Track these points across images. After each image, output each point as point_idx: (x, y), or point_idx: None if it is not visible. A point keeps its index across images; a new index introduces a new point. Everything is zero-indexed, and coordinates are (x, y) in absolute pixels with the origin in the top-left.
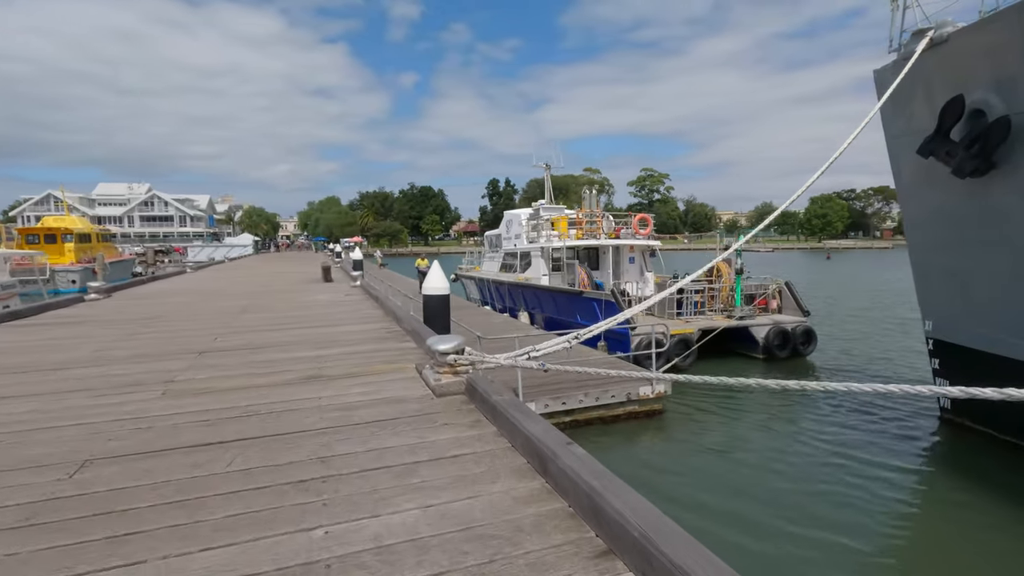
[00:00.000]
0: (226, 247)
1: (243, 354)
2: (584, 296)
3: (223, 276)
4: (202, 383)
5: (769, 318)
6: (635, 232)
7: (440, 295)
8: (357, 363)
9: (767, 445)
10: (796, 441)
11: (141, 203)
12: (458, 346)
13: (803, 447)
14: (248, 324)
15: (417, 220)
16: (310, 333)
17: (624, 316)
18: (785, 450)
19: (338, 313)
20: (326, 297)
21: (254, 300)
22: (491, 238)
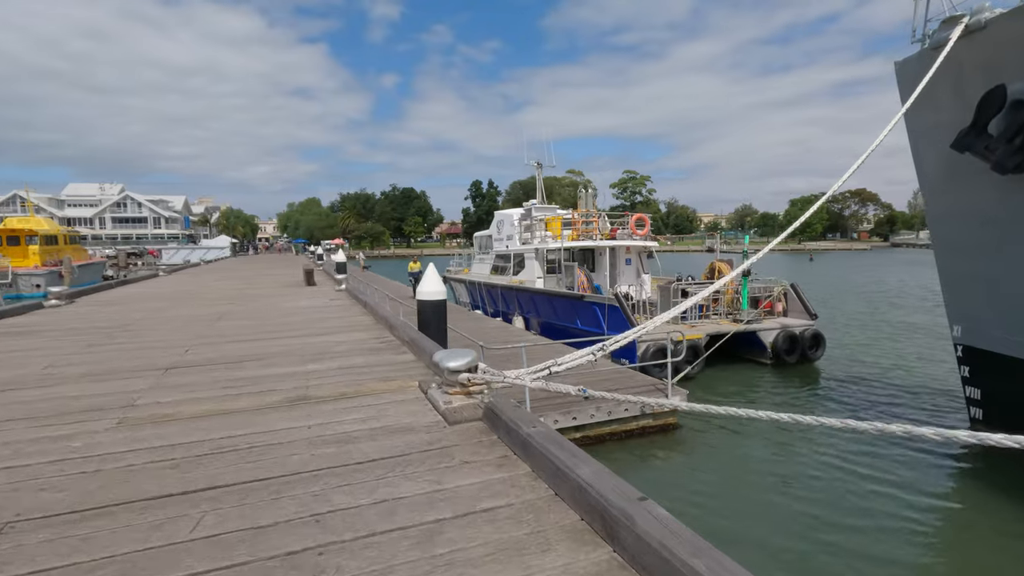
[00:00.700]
0: (202, 249)
1: (218, 370)
2: (585, 300)
3: (198, 280)
4: (167, 408)
5: (776, 322)
6: (632, 233)
7: (436, 300)
8: (350, 381)
9: (788, 459)
10: (816, 452)
11: (113, 204)
12: (471, 362)
13: (823, 458)
14: (224, 333)
15: (399, 222)
16: (294, 344)
17: (659, 321)
18: (806, 463)
19: (324, 320)
20: (310, 302)
21: (231, 306)
22: (481, 239)
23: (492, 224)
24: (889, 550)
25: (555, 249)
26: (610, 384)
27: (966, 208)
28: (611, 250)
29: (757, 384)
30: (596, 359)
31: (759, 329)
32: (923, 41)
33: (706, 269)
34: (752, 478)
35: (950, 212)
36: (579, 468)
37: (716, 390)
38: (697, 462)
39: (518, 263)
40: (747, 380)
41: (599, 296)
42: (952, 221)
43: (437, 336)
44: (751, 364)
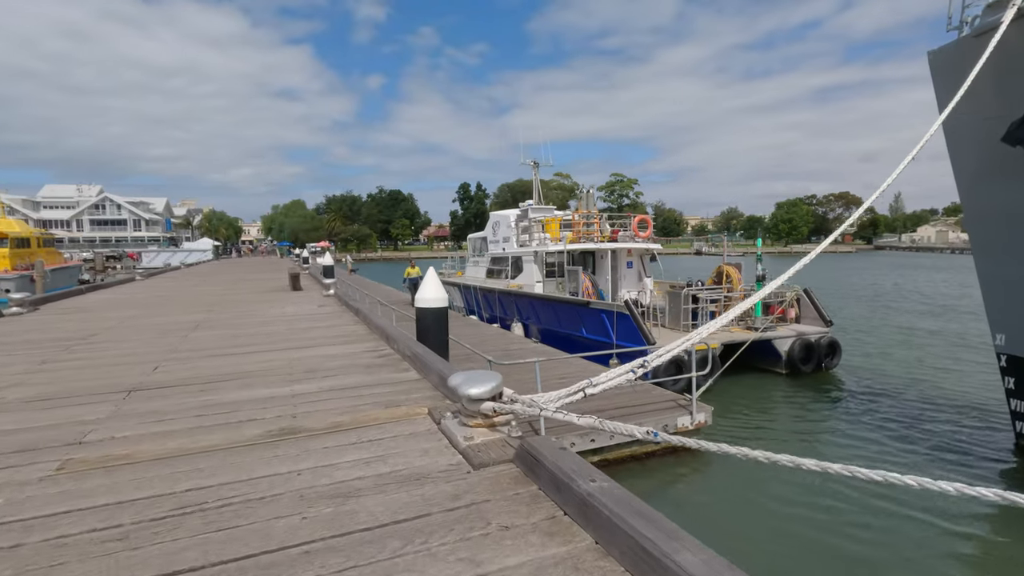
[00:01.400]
0: (184, 252)
1: (189, 392)
2: (591, 307)
3: (177, 284)
4: (123, 446)
5: (791, 329)
6: (634, 234)
7: (437, 308)
8: (346, 406)
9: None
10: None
11: (92, 206)
12: (495, 388)
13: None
14: (201, 345)
15: (386, 224)
16: (278, 359)
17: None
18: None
19: (312, 330)
20: (296, 309)
21: (210, 313)
22: (475, 241)
23: (487, 225)
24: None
25: (555, 252)
26: (627, 399)
27: (1012, 207)
28: (612, 253)
29: (774, 397)
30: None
31: (774, 337)
32: (960, 28)
33: (713, 273)
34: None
35: (992, 212)
36: (679, 554)
37: (730, 404)
38: (724, 486)
39: (515, 266)
40: (763, 392)
41: (607, 303)
42: (995, 222)
43: (438, 347)
44: (765, 374)
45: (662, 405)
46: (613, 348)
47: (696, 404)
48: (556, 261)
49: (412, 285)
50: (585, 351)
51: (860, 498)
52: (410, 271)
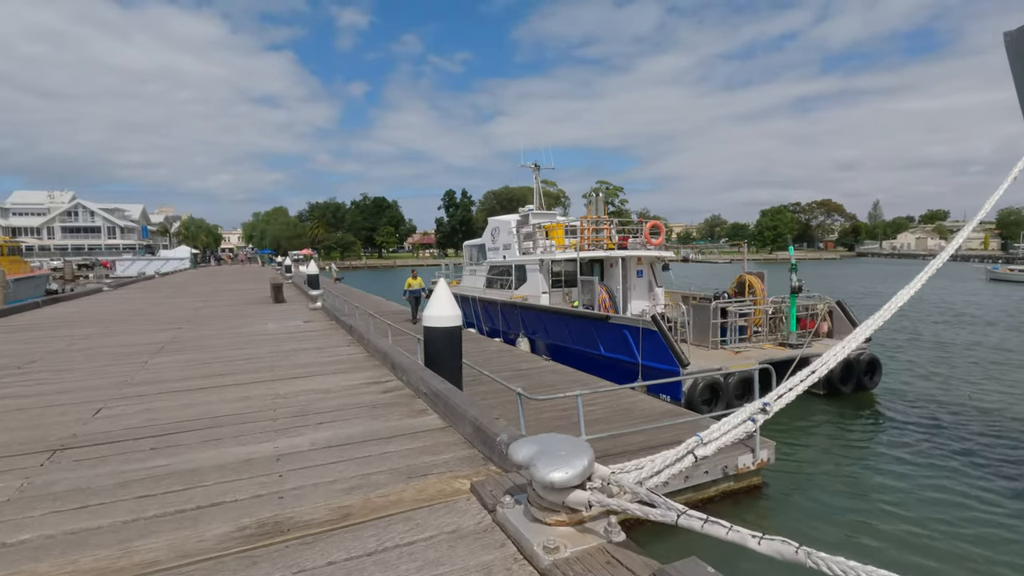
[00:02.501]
0: (160, 261)
1: (134, 453)
2: (611, 322)
3: (148, 296)
4: (16, 562)
5: (827, 345)
6: (646, 241)
7: (449, 328)
8: (353, 476)
9: (901, 519)
10: (936, 508)
11: (63, 213)
12: (587, 469)
13: (949, 516)
14: (163, 375)
15: (371, 232)
16: (259, 395)
17: (862, 335)
18: (924, 522)
19: (299, 353)
20: (279, 326)
21: (180, 331)
22: (472, 249)
23: (485, 231)
24: None
25: (562, 260)
26: (674, 434)
27: None
28: (623, 261)
29: (815, 422)
30: (758, 425)
31: (812, 354)
32: None
33: (733, 283)
34: (856, 549)
35: None
36: None
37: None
38: (792, 533)
39: (519, 276)
40: (802, 416)
41: (631, 318)
42: None
43: (450, 374)
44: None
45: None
46: (638, 368)
47: (759, 440)
48: (563, 270)
49: (414, 298)
50: (602, 371)
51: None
52: (411, 282)
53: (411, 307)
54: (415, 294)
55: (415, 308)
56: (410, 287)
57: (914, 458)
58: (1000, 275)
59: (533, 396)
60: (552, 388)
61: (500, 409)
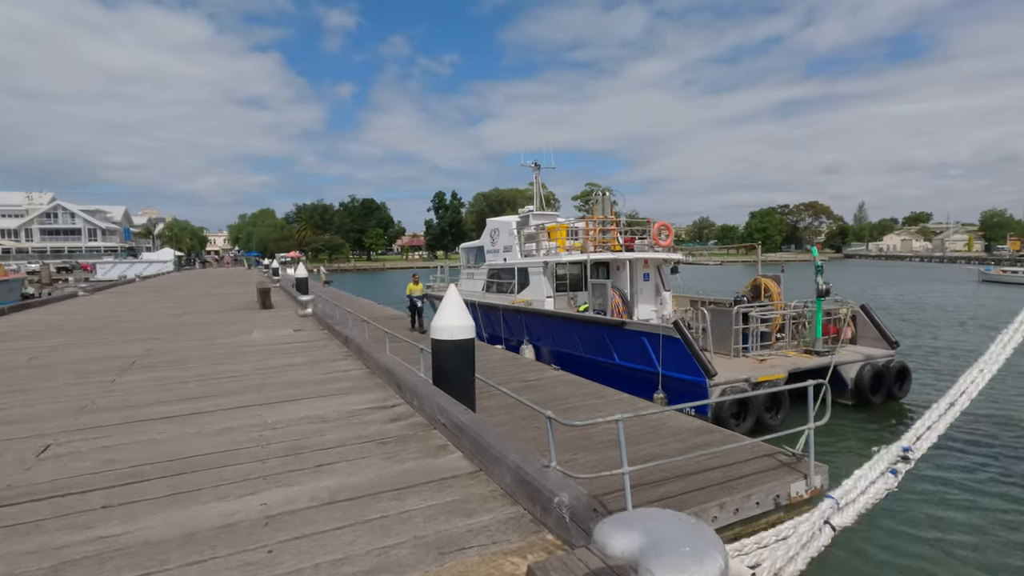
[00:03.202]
0: (143, 263)
1: (78, 519)
2: (627, 328)
3: (127, 301)
4: None
5: (857, 352)
6: (655, 243)
7: (461, 340)
8: (366, 552)
9: (979, 549)
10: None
11: (42, 215)
12: (723, 573)
13: None
14: (130, 400)
15: (359, 234)
16: (243, 427)
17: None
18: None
19: (290, 369)
20: (267, 335)
21: (157, 342)
22: (470, 251)
23: (484, 233)
24: None
25: (567, 262)
26: (713, 459)
27: None
28: (630, 264)
29: (847, 435)
30: (899, 477)
31: (840, 362)
32: None
33: (747, 287)
34: None
35: None
36: None
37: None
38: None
39: (522, 279)
40: (833, 431)
41: (651, 324)
42: None
43: (461, 393)
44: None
45: (759, 462)
46: (658, 378)
47: (813, 464)
48: (568, 273)
49: (414, 306)
50: (616, 381)
51: None
52: (412, 288)
53: (411, 315)
54: (416, 302)
55: (415, 315)
56: (411, 293)
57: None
58: (992, 276)
59: (568, 422)
60: (565, 402)
61: (510, 425)
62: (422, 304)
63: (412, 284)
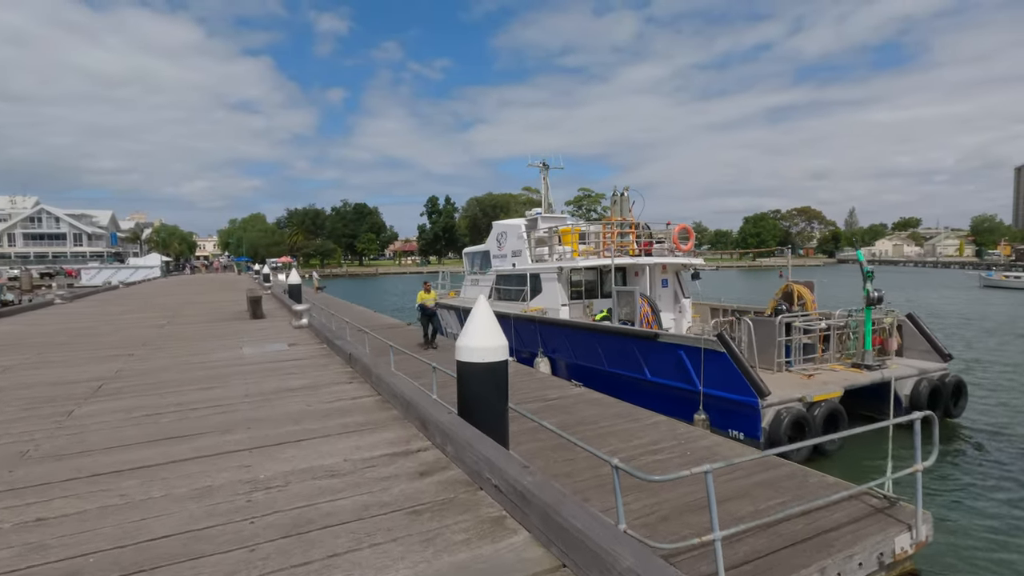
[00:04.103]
0: (130, 269)
1: None
2: (661, 341)
3: (106, 310)
4: None
5: (911, 366)
6: (674, 247)
7: (493, 364)
8: None
9: None
10: None
11: (25, 219)
12: None
13: None
14: (84, 441)
15: (352, 239)
16: (225, 484)
17: None
18: None
19: (286, 396)
20: (258, 351)
21: (131, 360)
22: (474, 256)
23: (490, 237)
24: None
25: (582, 268)
26: (790, 497)
27: None
28: (649, 269)
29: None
30: None
31: (897, 376)
32: None
33: (778, 293)
34: None
35: None
36: None
37: (865, 474)
38: None
39: (533, 286)
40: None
41: (690, 337)
42: None
43: (491, 426)
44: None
45: (846, 507)
46: (699, 397)
47: (920, 513)
48: (583, 279)
49: (427, 317)
50: (649, 400)
51: None
52: (424, 296)
53: (423, 328)
54: (428, 312)
55: (428, 329)
56: (423, 303)
57: None
58: (994, 282)
59: (646, 476)
60: (596, 426)
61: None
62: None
63: (423, 292)
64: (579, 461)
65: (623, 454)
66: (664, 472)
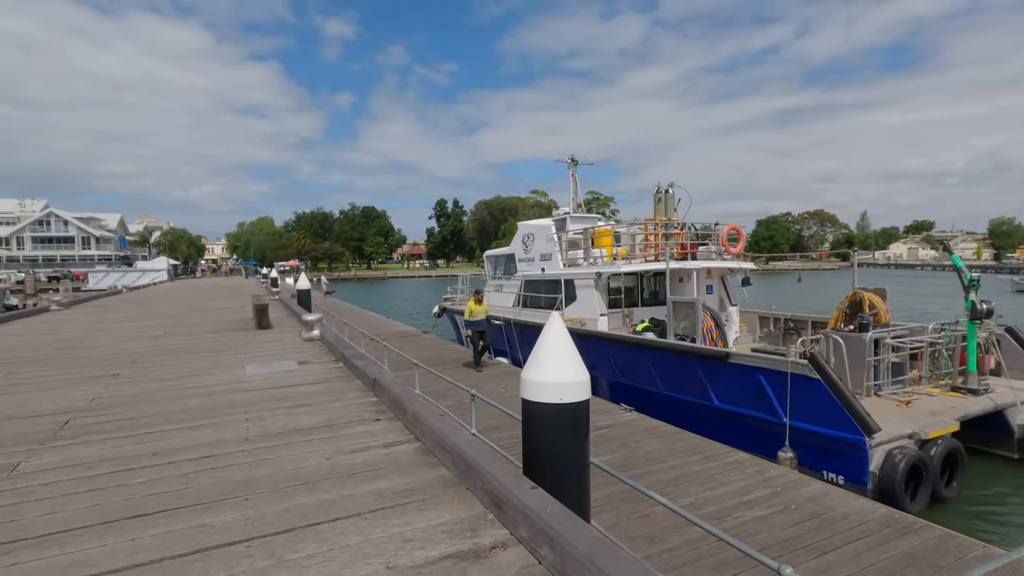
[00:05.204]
0: (137, 272)
1: None
2: (733, 362)
3: (103, 317)
4: None
5: (1018, 389)
6: (723, 249)
7: (572, 406)
8: None
9: None
10: None
11: (34, 222)
12: None
13: None
14: (15, 525)
15: (359, 242)
16: None
17: None
18: None
19: (298, 440)
20: (263, 371)
21: (112, 384)
22: (497, 260)
23: (515, 239)
24: None
25: (621, 274)
26: None
27: None
28: (697, 274)
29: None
30: None
31: (1004, 404)
32: None
33: (844, 302)
34: None
35: None
36: None
37: (992, 526)
38: None
39: (568, 293)
40: (1003, 498)
41: (771, 357)
42: None
43: (569, 491)
44: (985, 458)
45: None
46: (784, 431)
47: None
48: (622, 286)
49: (478, 334)
50: (715, 430)
51: None
52: (474, 308)
53: (472, 348)
54: (479, 328)
55: (479, 347)
56: (472, 316)
57: None
58: None
59: None
60: (663, 465)
61: (608, 513)
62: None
63: (474, 303)
64: (658, 517)
65: (711, 507)
66: (779, 540)
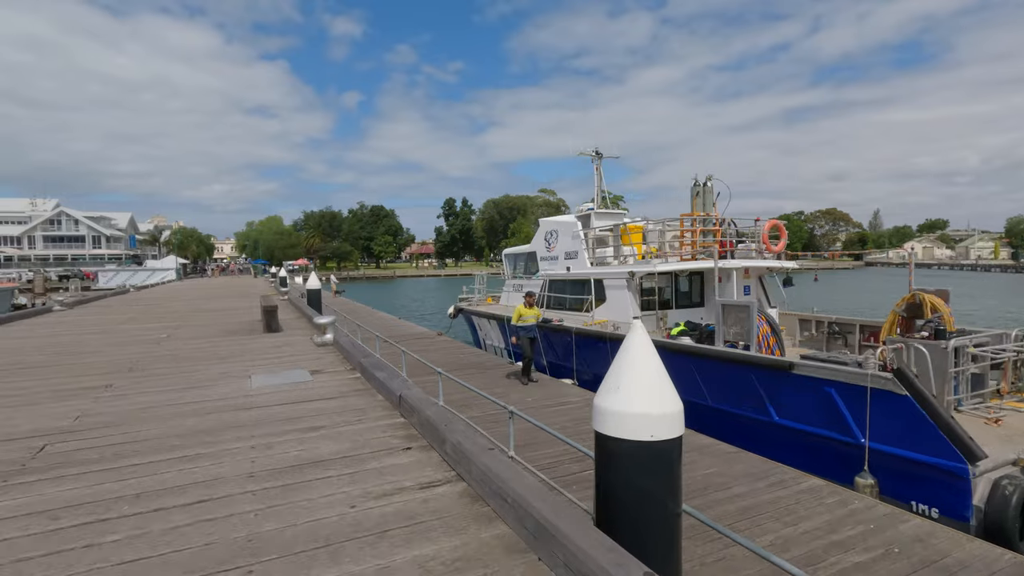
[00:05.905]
0: (147, 271)
1: None
2: (798, 373)
3: (106, 319)
4: None
5: None
6: (764, 247)
7: (662, 445)
8: None
9: None
10: None
11: (46, 221)
12: None
13: None
14: None
15: (368, 241)
16: None
17: None
18: None
19: (312, 479)
20: (272, 381)
21: (102, 397)
22: (517, 258)
23: (536, 236)
24: None
25: (656, 273)
26: None
27: None
28: (736, 274)
29: None
30: None
31: None
32: None
33: (900, 305)
34: None
35: None
36: None
37: None
38: None
39: (598, 294)
40: None
41: (846, 369)
42: None
43: (656, 550)
44: None
45: None
46: (864, 454)
47: None
48: (655, 286)
49: (529, 341)
50: (776, 450)
51: None
52: (524, 312)
53: (523, 355)
54: (531, 334)
55: (529, 356)
56: (522, 320)
57: None
58: None
59: None
60: (724, 492)
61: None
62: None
63: (524, 307)
64: (738, 560)
65: (797, 549)
66: None
